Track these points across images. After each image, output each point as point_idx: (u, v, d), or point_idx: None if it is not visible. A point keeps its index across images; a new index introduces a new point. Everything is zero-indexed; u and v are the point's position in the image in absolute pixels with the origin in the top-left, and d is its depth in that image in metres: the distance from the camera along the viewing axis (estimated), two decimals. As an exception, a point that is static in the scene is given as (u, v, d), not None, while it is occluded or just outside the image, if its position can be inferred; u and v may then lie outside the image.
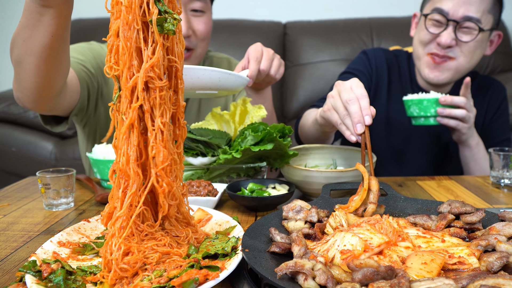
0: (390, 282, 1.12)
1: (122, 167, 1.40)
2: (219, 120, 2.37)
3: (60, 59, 2.05)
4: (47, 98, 2.22)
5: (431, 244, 1.45)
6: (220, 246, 1.46)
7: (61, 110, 2.46)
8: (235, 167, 2.24)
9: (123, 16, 1.34)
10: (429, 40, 2.87)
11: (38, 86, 2.10)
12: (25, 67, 2.02)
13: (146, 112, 1.39)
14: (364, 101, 1.93)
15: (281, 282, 1.19)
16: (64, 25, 1.89)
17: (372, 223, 1.49)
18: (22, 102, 2.22)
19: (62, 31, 1.91)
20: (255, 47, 2.47)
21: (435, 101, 2.64)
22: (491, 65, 5.50)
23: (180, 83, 1.49)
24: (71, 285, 1.28)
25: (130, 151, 1.40)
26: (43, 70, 2.02)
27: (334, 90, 2.09)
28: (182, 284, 1.22)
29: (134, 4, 1.33)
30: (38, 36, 1.88)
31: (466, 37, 2.80)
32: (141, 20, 1.35)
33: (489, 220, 1.63)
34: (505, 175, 2.39)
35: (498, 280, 1.13)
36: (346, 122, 1.97)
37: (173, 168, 1.46)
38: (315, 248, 1.43)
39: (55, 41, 1.91)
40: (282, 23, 5.83)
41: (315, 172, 2.10)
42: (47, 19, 1.82)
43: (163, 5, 1.36)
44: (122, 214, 1.38)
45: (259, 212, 2.03)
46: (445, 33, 2.79)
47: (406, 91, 3.14)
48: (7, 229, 1.85)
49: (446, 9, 2.76)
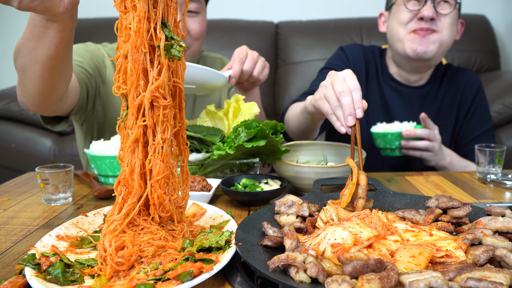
0: (379, 275, 1.12)
1: (125, 177, 1.43)
2: (213, 117, 2.37)
3: (64, 67, 2.06)
4: (50, 103, 2.23)
5: (419, 238, 1.45)
6: (214, 239, 1.46)
7: (61, 112, 2.47)
8: (228, 163, 2.24)
9: (132, 40, 1.37)
10: (409, 18, 2.91)
11: (41, 92, 2.10)
12: (29, 75, 2.02)
13: (149, 128, 1.42)
14: (357, 94, 1.90)
15: (273, 275, 1.19)
16: (69, 37, 1.89)
17: (362, 218, 1.49)
18: (25, 106, 2.22)
19: (66, 43, 1.91)
20: (240, 49, 2.56)
21: (399, 134, 2.72)
22: (477, 64, 5.52)
23: (183, 102, 1.52)
24: (69, 277, 1.28)
25: (135, 164, 1.43)
26: (47, 78, 2.02)
27: (327, 79, 2.05)
28: (177, 277, 1.22)
29: (142, 29, 1.36)
30: (43, 48, 1.88)
31: (445, 10, 2.88)
32: (148, 44, 1.39)
33: (475, 214, 1.63)
34: (491, 170, 2.40)
35: (485, 272, 1.13)
36: (337, 113, 1.94)
37: (170, 182, 1.47)
38: (307, 242, 1.43)
39: (59, 52, 1.91)
40: (274, 23, 5.82)
41: (306, 167, 2.10)
42: (52, 32, 1.82)
43: (169, 31, 1.40)
44: (117, 219, 1.41)
45: (252, 206, 2.03)
46: (426, 7, 2.83)
47: (381, 85, 3.16)
48: (7, 223, 1.84)
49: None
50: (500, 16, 5.99)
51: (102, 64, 2.88)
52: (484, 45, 5.59)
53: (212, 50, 5.22)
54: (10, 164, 4.86)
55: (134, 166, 1.43)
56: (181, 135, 1.54)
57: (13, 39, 5.83)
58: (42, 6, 1.57)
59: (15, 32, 5.87)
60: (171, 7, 1.41)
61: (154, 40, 1.39)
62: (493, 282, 1.08)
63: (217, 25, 5.56)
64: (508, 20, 6.01)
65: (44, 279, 1.25)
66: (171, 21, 1.42)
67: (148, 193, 1.43)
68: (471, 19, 5.66)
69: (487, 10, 5.84)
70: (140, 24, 1.36)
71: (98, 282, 1.28)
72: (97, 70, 2.82)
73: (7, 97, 4.84)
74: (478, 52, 5.54)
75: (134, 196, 1.42)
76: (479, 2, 5.98)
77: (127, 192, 1.43)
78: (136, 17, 1.35)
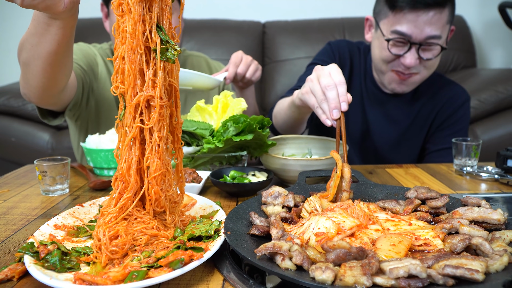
0: (361, 262, 1.13)
1: (123, 173, 1.44)
2: (203, 112, 2.37)
3: (65, 62, 2.07)
4: (51, 95, 2.26)
5: (399, 227, 1.45)
6: (204, 229, 1.46)
7: (61, 105, 2.49)
8: (218, 156, 2.24)
9: (128, 42, 1.38)
10: (392, 59, 2.72)
11: (43, 86, 2.12)
12: (32, 69, 2.04)
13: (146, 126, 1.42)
14: (342, 87, 1.89)
15: (260, 262, 1.19)
16: (70, 34, 1.91)
17: (345, 208, 1.49)
18: (28, 97, 2.24)
19: (67, 39, 1.92)
20: (236, 54, 2.83)
21: None
22: (454, 62, 5.54)
23: (178, 102, 1.52)
24: (66, 265, 1.29)
25: (131, 160, 1.44)
26: (49, 72, 2.04)
27: (314, 74, 2.03)
28: (169, 264, 1.23)
29: (137, 31, 1.37)
30: (45, 43, 1.89)
31: (429, 54, 2.66)
32: (144, 45, 1.39)
33: (452, 205, 1.64)
34: (467, 163, 2.40)
35: (461, 260, 1.14)
36: (323, 107, 1.92)
37: (166, 178, 1.48)
38: (292, 231, 1.43)
39: (60, 48, 1.92)
40: (261, 22, 5.81)
41: (291, 160, 2.10)
42: (54, 29, 1.83)
43: (165, 35, 1.40)
44: (112, 212, 1.41)
45: (240, 197, 2.03)
46: (409, 55, 2.63)
47: (361, 84, 3.04)
48: (7, 213, 1.84)
49: (408, 32, 2.58)
50: (476, 16, 6.01)
51: (94, 62, 2.93)
52: (461, 44, 5.61)
53: (201, 49, 5.24)
54: (9, 157, 4.85)
55: (131, 163, 1.43)
56: (176, 134, 1.54)
57: (13, 37, 5.79)
58: (43, 4, 1.59)
59: (15, 30, 5.84)
60: (166, 11, 1.41)
61: (150, 42, 1.39)
62: (469, 269, 1.08)
63: (207, 25, 5.58)
64: (484, 20, 6.04)
65: (42, 266, 1.25)
66: (166, 24, 1.41)
67: (145, 189, 1.43)
68: (448, 19, 5.69)
69: (464, 11, 5.86)
70: (135, 27, 1.36)
71: (94, 269, 1.28)
72: (90, 67, 2.87)
73: (7, 93, 4.83)
74: (455, 50, 5.56)
75: (130, 191, 1.43)
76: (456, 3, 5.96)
77: (124, 187, 1.44)
78: (132, 20, 1.35)
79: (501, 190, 2.13)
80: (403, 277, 1.07)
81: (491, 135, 4.62)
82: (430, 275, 1.09)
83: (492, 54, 6.16)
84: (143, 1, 1.36)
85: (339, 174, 1.71)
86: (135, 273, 1.19)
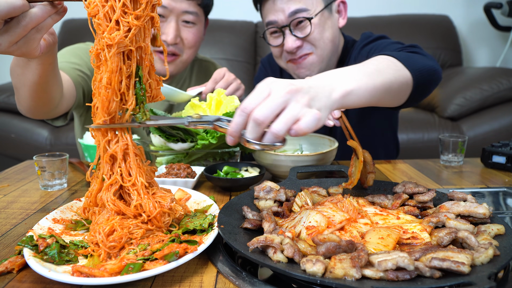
0: (350, 255, 1.13)
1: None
2: (197, 109, 2.37)
3: (51, 88, 2.03)
4: (45, 112, 2.22)
5: (387, 221, 1.45)
6: (198, 222, 1.46)
7: (59, 113, 2.43)
8: (211, 152, 2.24)
9: (103, 93, 1.38)
10: (279, 52, 2.68)
11: (35, 106, 2.09)
12: (21, 94, 2.01)
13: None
14: None
15: (253, 255, 1.19)
16: (50, 68, 1.86)
17: (335, 202, 1.49)
18: (23, 113, 2.21)
19: (48, 72, 1.88)
20: (219, 71, 2.70)
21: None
22: (440, 61, 5.57)
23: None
24: (65, 257, 1.28)
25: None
26: (36, 97, 2.01)
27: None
28: (164, 257, 1.23)
29: (114, 81, 1.36)
30: (28, 75, 1.85)
31: (305, 31, 2.53)
32: (120, 93, 1.40)
33: (439, 199, 1.64)
34: (454, 159, 2.41)
35: (448, 253, 1.14)
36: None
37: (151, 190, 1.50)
38: (283, 225, 1.44)
39: (42, 79, 1.88)
40: (253, 22, 5.85)
41: (283, 156, 2.10)
42: (34, 65, 1.79)
43: (142, 87, 1.41)
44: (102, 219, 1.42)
45: (233, 192, 2.03)
46: (287, 40, 2.55)
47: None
48: (7, 207, 1.83)
49: (273, 19, 2.54)
50: (462, 16, 6.03)
51: None
52: (447, 43, 5.63)
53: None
54: (9, 153, 4.84)
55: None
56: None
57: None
58: (19, 51, 1.51)
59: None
60: (146, 59, 1.41)
61: (124, 100, 1.40)
62: (455, 261, 1.08)
63: (201, 25, 5.53)
64: (469, 19, 6.05)
65: (41, 259, 1.25)
66: (146, 71, 1.42)
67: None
68: (435, 19, 5.72)
69: (450, 11, 5.88)
70: (112, 75, 1.35)
71: (91, 262, 1.28)
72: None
73: (7, 90, 4.83)
74: (441, 49, 5.58)
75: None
76: (442, 3, 6.02)
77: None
78: (108, 72, 1.35)
79: (487, 185, 2.14)
80: (392, 269, 1.07)
81: (477, 132, 4.64)
82: (417, 268, 1.09)
83: (478, 53, 6.18)
84: (121, 52, 1.35)
85: (361, 159, 1.70)
86: (131, 266, 1.19)
